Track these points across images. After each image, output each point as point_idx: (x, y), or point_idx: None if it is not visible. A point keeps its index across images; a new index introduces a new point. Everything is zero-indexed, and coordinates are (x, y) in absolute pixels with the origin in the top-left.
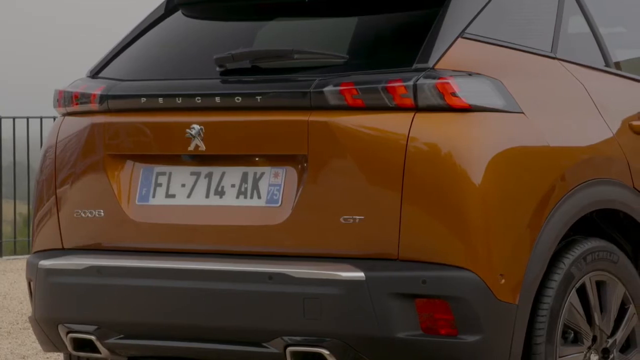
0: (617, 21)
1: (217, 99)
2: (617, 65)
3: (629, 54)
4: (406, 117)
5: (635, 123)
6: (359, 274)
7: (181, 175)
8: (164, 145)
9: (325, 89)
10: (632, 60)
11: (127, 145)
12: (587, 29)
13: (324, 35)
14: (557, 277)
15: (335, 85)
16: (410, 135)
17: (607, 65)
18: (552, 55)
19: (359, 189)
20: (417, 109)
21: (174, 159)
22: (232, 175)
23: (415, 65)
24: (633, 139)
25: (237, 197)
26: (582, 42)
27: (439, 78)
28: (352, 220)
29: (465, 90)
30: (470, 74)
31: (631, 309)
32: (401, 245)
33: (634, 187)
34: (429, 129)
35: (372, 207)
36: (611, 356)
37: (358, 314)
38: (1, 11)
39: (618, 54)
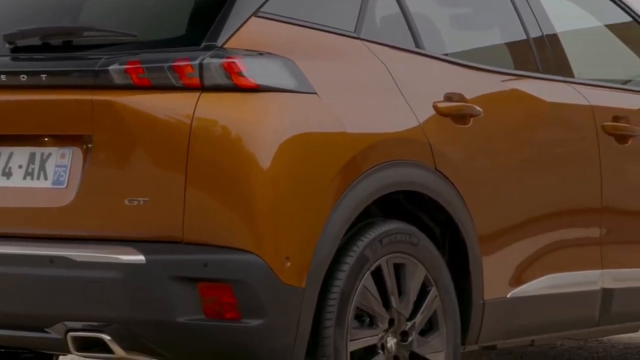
0: (462, 2)
1: (3, 77)
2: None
3: (476, 36)
4: (192, 97)
5: (440, 104)
6: (140, 258)
7: None
8: None
9: (111, 67)
10: (476, 42)
11: None
12: (397, 10)
13: (117, 12)
14: (350, 260)
15: (121, 64)
16: (195, 115)
17: (417, 46)
18: (354, 35)
19: (144, 170)
20: (203, 88)
21: None
22: (20, 155)
23: (203, 44)
24: (437, 120)
25: (24, 178)
26: (391, 23)
27: (227, 57)
28: (136, 202)
29: (253, 70)
30: (261, 54)
31: (433, 292)
32: (185, 228)
33: (436, 168)
34: (214, 109)
35: (157, 189)
36: (410, 339)
37: (139, 298)
38: None
39: (461, 36)
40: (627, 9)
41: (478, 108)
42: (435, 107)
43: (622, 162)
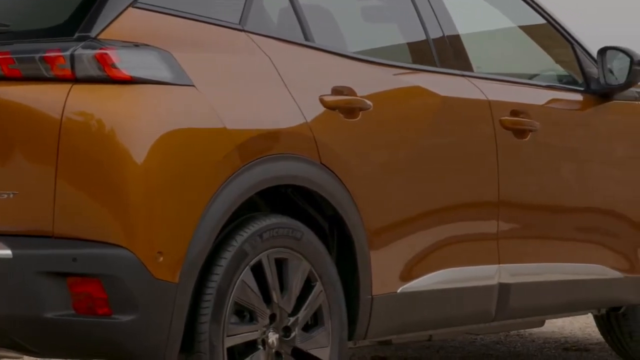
0: None
1: None
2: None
3: (370, 30)
4: (63, 88)
5: (327, 98)
6: (7, 252)
7: None
8: None
9: None
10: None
11: None
12: (287, 3)
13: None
14: (228, 255)
15: None
16: (66, 107)
17: (307, 39)
18: (239, 27)
19: (14, 163)
20: (75, 80)
21: None
22: None
23: (77, 35)
24: (323, 114)
25: None
26: (280, 15)
27: (100, 48)
28: (6, 196)
29: (127, 62)
30: (136, 45)
31: (317, 287)
32: (56, 222)
33: (321, 162)
34: (86, 102)
35: (27, 182)
36: (292, 334)
37: (7, 294)
38: None
39: (355, 30)
40: (539, 9)
41: (368, 102)
42: (321, 101)
43: (521, 156)
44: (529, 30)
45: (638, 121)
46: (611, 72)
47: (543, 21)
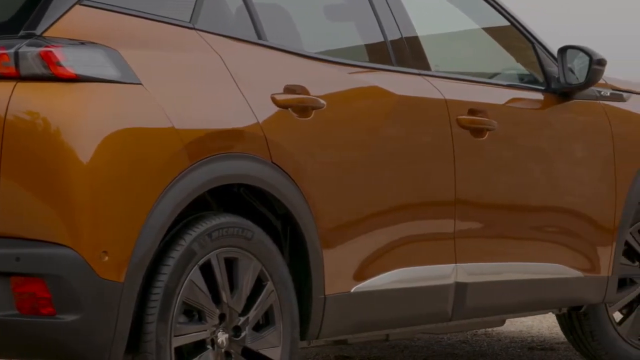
0: None
1: None
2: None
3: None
4: (7, 86)
5: (279, 97)
6: None
7: None
8: None
9: None
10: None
11: None
12: (240, 1)
13: None
14: (176, 254)
15: None
16: (10, 105)
17: (260, 38)
18: (190, 25)
19: None
20: (19, 78)
21: None
22: None
23: (22, 32)
24: (275, 113)
25: None
26: (232, 14)
27: (45, 46)
28: None
29: (73, 60)
30: (82, 43)
31: (268, 286)
32: None
33: (272, 161)
34: (30, 100)
35: None
36: (243, 334)
37: None
38: None
39: (310, 29)
40: (500, 9)
41: (321, 101)
42: (273, 100)
43: (478, 155)
44: (490, 29)
45: (598, 120)
46: (572, 71)
47: (505, 21)
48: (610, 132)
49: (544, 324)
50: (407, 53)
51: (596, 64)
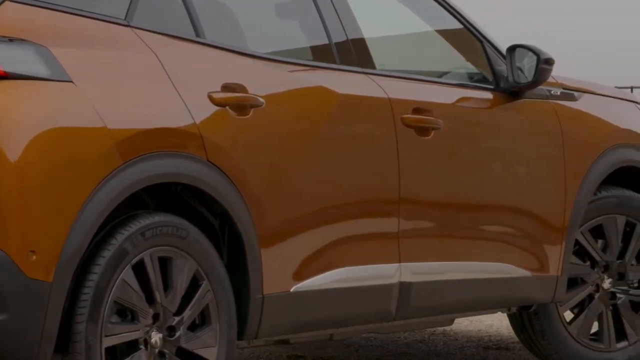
0: None
1: None
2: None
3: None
4: None
5: (216, 95)
6: None
7: None
8: None
9: None
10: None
11: None
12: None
13: None
14: (107, 254)
15: None
16: None
17: (198, 35)
18: (124, 22)
19: None
20: None
21: None
22: None
23: None
24: (211, 111)
25: None
26: (170, 11)
27: None
28: None
29: (1, 57)
30: (11, 40)
31: (204, 286)
32: None
33: (208, 160)
34: None
35: None
36: (177, 334)
37: None
38: None
39: (251, 27)
40: (449, 8)
41: (260, 99)
42: (210, 98)
43: (422, 154)
44: (440, 29)
45: (547, 119)
46: (521, 70)
47: (454, 19)
48: (560, 131)
49: (504, 323)
50: (351, 52)
51: (544, 63)
